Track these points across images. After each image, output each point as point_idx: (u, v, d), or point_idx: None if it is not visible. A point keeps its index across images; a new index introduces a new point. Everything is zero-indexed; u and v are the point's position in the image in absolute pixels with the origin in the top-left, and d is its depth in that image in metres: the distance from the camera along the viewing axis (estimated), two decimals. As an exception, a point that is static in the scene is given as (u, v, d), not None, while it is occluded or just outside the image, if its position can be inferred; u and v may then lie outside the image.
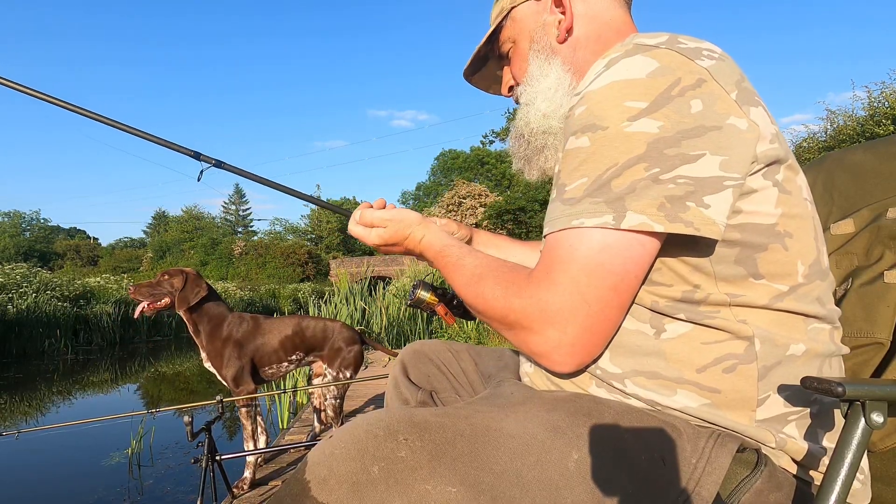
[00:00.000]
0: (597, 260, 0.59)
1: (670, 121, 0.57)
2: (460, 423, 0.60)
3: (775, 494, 0.60)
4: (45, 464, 4.07)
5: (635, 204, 0.57)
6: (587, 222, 0.59)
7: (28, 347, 10.93)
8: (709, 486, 0.57)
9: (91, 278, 16.68)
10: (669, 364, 0.63)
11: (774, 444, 0.62)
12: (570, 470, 0.57)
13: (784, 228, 0.62)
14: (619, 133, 0.58)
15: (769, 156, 0.60)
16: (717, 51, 0.63)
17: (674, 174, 0.57)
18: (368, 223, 0.92)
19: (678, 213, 0.57)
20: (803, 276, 0.63)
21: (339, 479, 0.54)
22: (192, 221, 48.79)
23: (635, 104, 0.58)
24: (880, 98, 10.33)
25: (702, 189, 0.57)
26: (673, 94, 0.58)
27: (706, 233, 0.57)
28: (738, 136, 0.58)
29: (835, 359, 0.67)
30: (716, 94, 0.58)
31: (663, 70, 0.59)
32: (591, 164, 0.60)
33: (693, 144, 0.57)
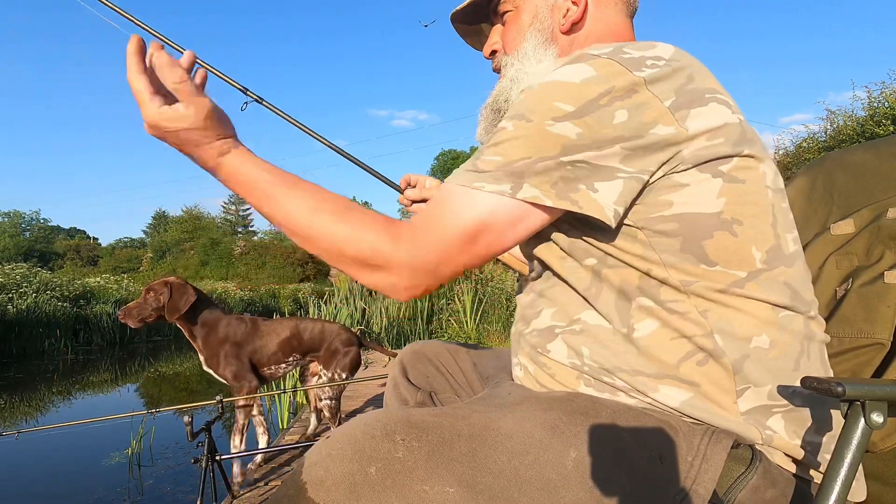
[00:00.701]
0: (476, 226, 0.63)
1: (590, 129, 0.60)
2: (458, 424, 0.60)
3: (771, 491, 0.60)
4: (45, 464, 4.07)
5: (533, 179, 0.62)
6: (487, 187, 0.63)
7: (28, 347, 10.93)
8: (706, 483, 0.57)
9: (91, 278, 16.68)
10: (648, 361, 0.65)
11: (761, 439, 0.62)
12: (567, 469, 0.57)
13: (731, 216, 0.63)
14: (541, 129, 0.62)
15: (705, 154, 0.62)
16: (665, 56, 0.64)
17: (575, 161, 0.61)
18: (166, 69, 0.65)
19: (568, 192, 0.62)
20: (762, 262, 0.64)
21: (335, 480, 0.53)
22: (192, 221, 48.77)
23: (562, 106, 0.61)
24: (880, 98, 10.33)
25: (595, 175, 0.61)
26: (601, 103, 0.61)
27: (587, 210, 0.61)
28: (655, 143, 0.61)
29: (813, 347, 0.67)
30: (646, 104, 0.60)
31: (598, 79, 0.62)
32: (509, 148, 0.63)
33: (605, 147, 0.60)
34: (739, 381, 0.63)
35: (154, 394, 7.16)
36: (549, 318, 0.74)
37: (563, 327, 0.72)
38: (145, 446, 3.99)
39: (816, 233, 0.93)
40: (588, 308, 0.70)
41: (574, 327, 0.71)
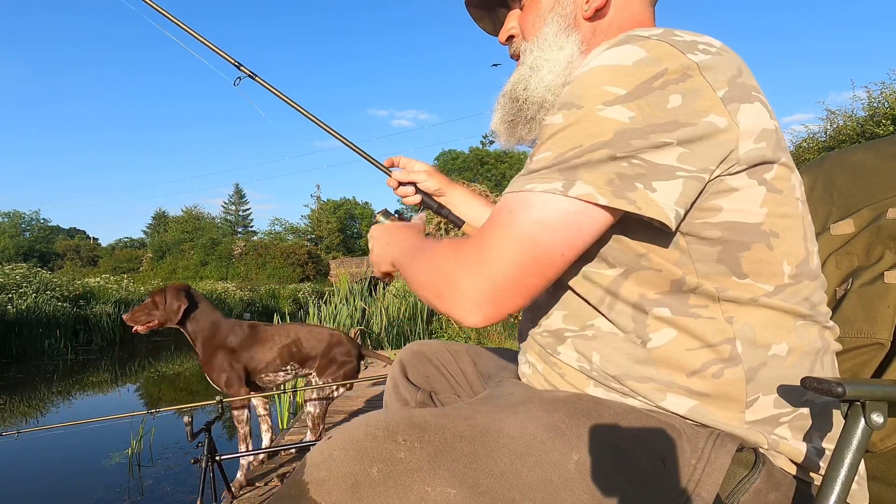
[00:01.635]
0: (529, 230, 0.60)
1: (643, 113, 0.57)
2: (460, 424, 0.60)
3: (774, 494, 0.59)
4: (45, 464, 4.07)
5: (586, 175, 0.58)
6: (538, 187, 0.60)
7: (28, 347, 10.93)
8: (708, 486, 0.57)
9: (91, 278, 16.69)
10: (659, 371, 0.64)
11: (767, 445, 0.62)
12: (569, 471, 0.57)
13: (770, 228, 0.62)
14: (591, 115, 0.59)
15: (754, 156, 0.59)
16: (716, 45, 0.62)
17: (630, 156, 0.57)
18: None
19: (625, 190, 0.58)
20: (790, 277, 0.63)
21: (337, 481, 0.53)
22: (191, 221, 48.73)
23: (614, 89, 0.58)
24: (880, 98, 10.33)
25: (653, 174, 0.58)
26: (654, 85, 0.58)
27: (646, 212, 0.57)
28: (711, 135, 0.58)
29: (826, 357, 0.67)
30: (699, 90, 0.58)
31: (650, 60, 0.59)
32: (559, 140, 0.60)
33: (660, 136, 0.57)
34: (751, 391, 0.62)
35: (154, 394, 7.16)
36: (560, 321, 0.72)
37: (575, 332, 0.70)
38: (145, 446, 4.00)
39: (816, 233, 0.93)
40: (601, 315, 0.68)
41: (586, 332, 0.69)
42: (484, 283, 0.61)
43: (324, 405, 2.77)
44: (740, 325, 0.62)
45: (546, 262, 0.60)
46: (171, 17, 1.28)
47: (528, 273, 0.60)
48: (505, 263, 0.60)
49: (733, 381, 0.61)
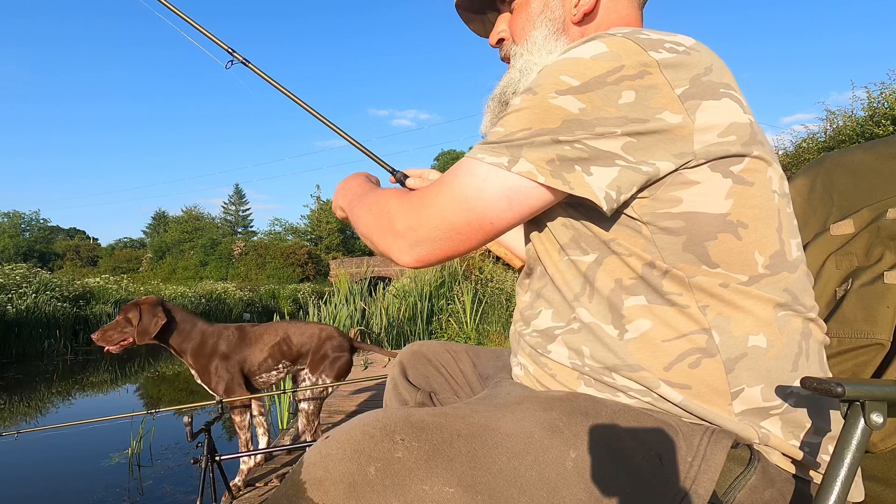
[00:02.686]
0: (466, 195, 0.64)
1: (593, 106, 0.60)
2: (457, 423, 0.60)
3: (770, 491, 0.60)
4: (45, 464, 4.07)
5: (530, 154, 0.62)
6: (486, 158, 0.64)
7: (28, 348, 10.93)
8: (705, 483, 0.57)
9: (91, 279, 16.69)
10: (640, 364, 0.65)
11: (758, 439, 0.62)
12: (567, 469, 0.57)
13: (737, 219, 0.63)
14: (543, 101, 0.62)
15: (716, 150, 0.60)
16: (686, 44, 0.63)
17: (575, 140, 0.60)
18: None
19: (563, 171, 0.61)
20: (764, 267, 0.64)
21: (335, 480, 0.53)
22: (191, 222, 48.76)
23: (568, 80, 0.61)
24: (880, 98, 10.33)
25: (593, 159, 0.60)
26: (608, 80, 0.60)
27: (580, 192, 0.61)
28: (661, 130, 0.59)
29: (812, 350, 0.67)
30: (655, 88, 0.59)
31: (609, 55, 0.61)
32: (512, 119, 0.64)
33: (606, 128, 0.60)
34: (733, 382, 0.62)
35: (154, 394, 7.16)
36: (548, 319, 0.74)
37: (563, 328, 0.71)
38: (145, 447, 3.99)
39: (816, 233, 0.93)
40: (582, 305, 0.69)
41: (572, 326, 0.70)
42: (418, 229, 0.67)
43: (318, 402, 2.75)
44: (714, 314, 0.63)
45: (476, 225, 0.65)
46: (167, 3, 1.32)
47: (457, 231, 0.66)
48: (439, 217, 0.66)
49: (712, 370, 0.62)
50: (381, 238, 0.71)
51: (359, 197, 0.81)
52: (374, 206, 0.75)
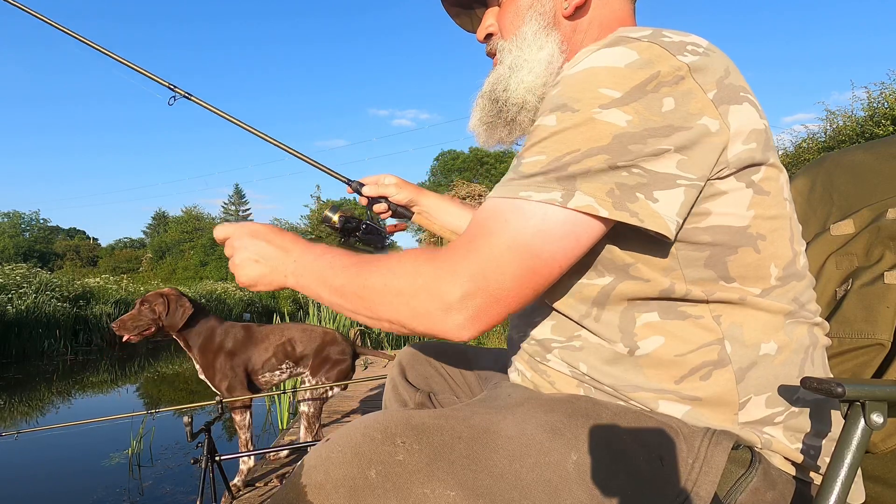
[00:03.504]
0: (527, 240, 0.57)
1: (640, 116, 0.56)
2: (458, 426, 0.59)
3: (771, 493, 0.59)
4: (45, 464, 4.07)
5: (586, 185, 0.56)
6: (535, 196, 0.57)
7: (28, 348, 10.92)
8: (706, 485, 0.57)
9: (91, 279, 16.69)
10: (648, 379, 0.63)
11: (760, 444, 0.62)
12: (568, 471, 0.57)
13: (757, 231, 0.61)
14: (588, 118, 0.57)
15: (743, 158, 0.59)
16: (703, 45, 0.61)
17: (631, 164, 0.56)
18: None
19: (626, 201, 0.56)
20: (777, 279, 0.63)
21: (335, 484, 0.53)
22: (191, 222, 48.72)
23: (609, 92, 0.57)
24: (879, 98, 10.33)
25: (654, 183, 0.56)
26: (648, 88, 0.57)
27: (649, 225, 0.56)
28: (705, 139, 0.57)
29: (816, 354, 0.67)
30: (691, 93, 0.57)
31: (642, 63, 0.58)
32: (553, 143, 0.58)
33: (658, 142, 0.56)
34: (742, 392, 0.62)
35: (154, 394, 7.16)
36: (548, 331, 0.72)
37: (562, 342, 0.70)
38: (145, 447, 4.00)
39: (816, 233, 0.93)
40: (587, 327, 0.67)
41: (573, 343, 0.69)
42: (477, 295, 0.57)
43: (318, 404, 2.77)
44: (728, 324, 0.62)
45: (544, 273, 0.58)
46: (98, 46, 1.32)
47: (523, 284, 0.58)
48: (500, 274, 0.57)
49: (723, 382, 0.62)
50: (422, 319, 0.60)
51: (344, 265, 0.67)
52: (387, 284, 0.62)
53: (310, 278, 0.70)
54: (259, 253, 0.75)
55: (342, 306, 0.66)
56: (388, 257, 0.64)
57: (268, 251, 0.74)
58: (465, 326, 0.59)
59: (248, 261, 0.75)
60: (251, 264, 0.75)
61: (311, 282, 0.69)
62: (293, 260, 0.72)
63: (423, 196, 1.18)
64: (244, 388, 2.62)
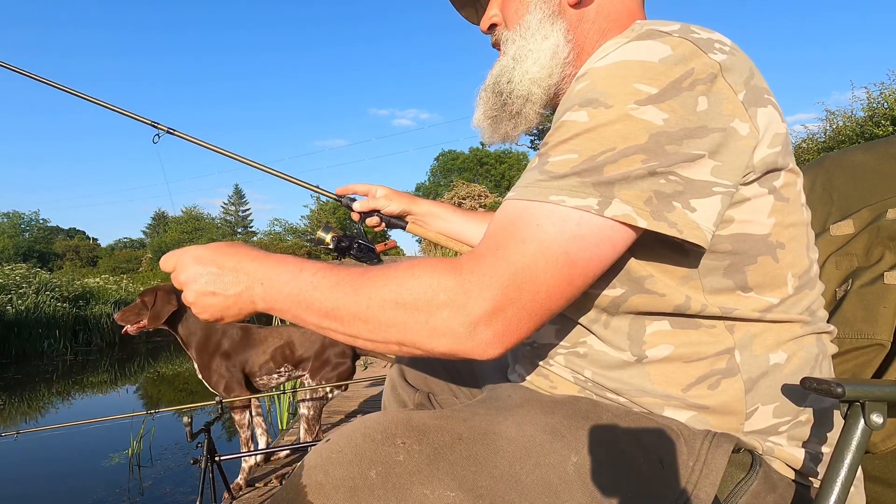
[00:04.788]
0: (563, 247, 0.53)
1: (676, 115, 0.53)
2: (459, 427, 0.59)
3: (771, 496, 0.59)
4: (44, 464, 4.07)
5: (623, 192, 0.53)
6: (568, 201, 0.53)
7: (27, 348, 10.92)
8: (706, 488, 0.56)
9: (90, 279, 16.69)
10: (655, 385, 0.63)
11: (762, 451, 0.62)
12: (568, 473, 0.56)
13: (777, 239, 0.60)
14: (623, 115, 0.54)
15: (768, 162, 0.57)
16: (728, 44, 0.59)
17: (667, 171, 0.53)
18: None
19: (664, 211, 0.53)
20: (793, 288, 0.62)
21: (335, 484, 0.53)
22: (191, 222, 48.70)
23: (644, 88, 0.54)
24: (879, 99, 10.34)
25: (691, 191, 0.54)
26: (683, 86, 0.54)
27: (688, 236, 0.53)
28: (737, 142, 0.55)
29: (825, 363, 0.66)
30: (724, 94, 0.55)
31: (677, 59, 0.55)
32: (586, 141, 0.54)
33: (694, 144, 0.54)
34: (750, 402, 0.61)
35: (153, 394, 7.16)
36: (552, 336, 0.71)
37: (567, 348, 0.69)
38: (145, 447, 4.00)
39: (816, 233, 0.93)
40: (595, 333, 0.66)
41: (578, 350, 0.68)
42: (508, 308, 0.52)
43: (318, 406, 2.76)
44: (741, 334, 0.61)
45: (579, 282, 0.54)
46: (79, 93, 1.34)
47: (558, 295, 0.54)
48: (535, 284, 0.52)
49: (732, 392, 0.61)
50: (444, 339, 0.54)
51: (314, 289, 0.58)
52: (398, 301, 0.55)
53: (287, 302, 0.60)
54: (212, 283, 0.64)
55: (335, 331, 0.58)
56: (392, 269, 0.57)
57: (223, 279, 0.64)
58: (493, 343, 0.53)
59: (202, 295, 0.64)
60: (207, 298, 0.65)
61: (289, 306, 0.60)
62: (259, 282, 0.62)
63: (415, 205, 1.17)
64: (241, 388, 2.62)
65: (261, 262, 0.63)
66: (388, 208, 1.16)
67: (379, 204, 1.16)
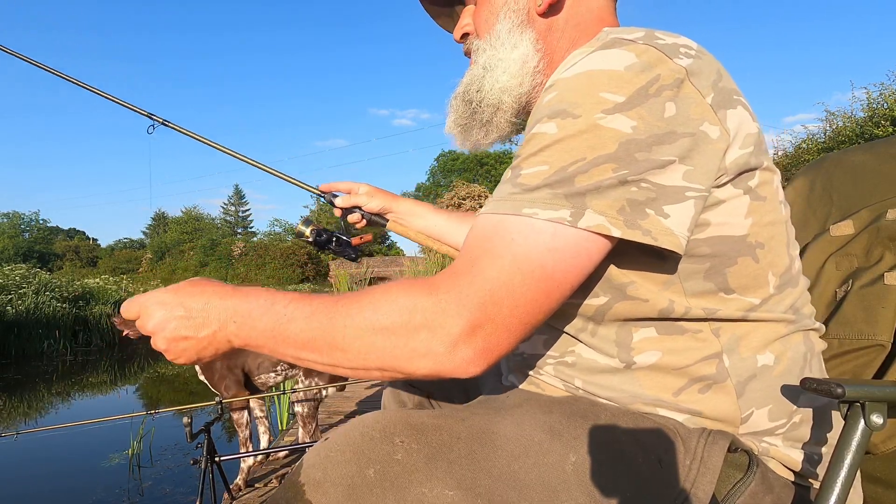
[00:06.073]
0: (539, 260, 0.53)
1: (644, 122, 0.54)
2: (457, 426, 0.59)
3: (770, 497, 0.59)
4: (44, 465, 4.08)
5: (595, 202, 0.53)
6: (541, 214, 0.53)
7: (27, 348, 10.92)
8: (704, 486, 0.56)
9: (90, 279, 16.69)
10: (646, 391, 0.63)
11: (758, 452, 0.62)
12: (567, 472, 0.56)
13: (755, 239, 0.60)
14: (592, 125, 0.54)
15: (740, 164, 0.57)
16: (694, 47, 0.59)
17: (639, 179, 0.54)
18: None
19: (637, 219, 0.53)
20: (774, 288, 0.62)
21: (334, 483, 0.53)
22: (191, 222, 48.76)
23: (611, 96, 0.54)
24: (879, 99, 10.35)
25: (664, 197, 0.54)
26: (650, 92, 0.54)
27: (663, 243, 0.54)
28: (707, 146, 0.55)
29: (814, 361, 0.66)
30: (691, 98, 0.55)
31: (642, 66, 0.55)
32: (556, 152, 0.54)
33: (663, 150, 0.54)
34: (744, 407, 0.61)
35: (153, 395, 7.17)
36: (540, 346, 0.70)
37: (555, 357, 0.69)
38: (145, 447, 4.00)
39: (816, 234, 0.93)
40: (583, 341, 0.66)
41: (566, 359, 0.68)
42: (486, 324, 0.52)
43: (312, 405, 2.76)
44: (727, 337, 0.61)
45: (557, 295, 0.54)
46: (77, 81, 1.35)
47: (537, 309, 0.54)
48: (513, 299, 0.52)
49: (723, 396, 0.61)
50: (424, 361, 0.53)
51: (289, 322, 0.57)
52: (374, 326, 0.54)
53: (262, 338, 0.59)
54: (182, 327, 0.61)
55: (315, 362, 0.57)
56: (367, 294, 0.56)
57: (193, 322, 0.60)
58: (475, 361, 0.53)
59: (174, 341, 0.61)
60: (179, 344, 0.61)
61: (265, 341, 0.59)
62: (232, 320, 0.59)
63: (396, 203, 1.18)
64: (241, 388, 2.63)
65: (230, 298, 0.61)
66: (370, 205, 1.17)
67: (360, 200, 1.17)
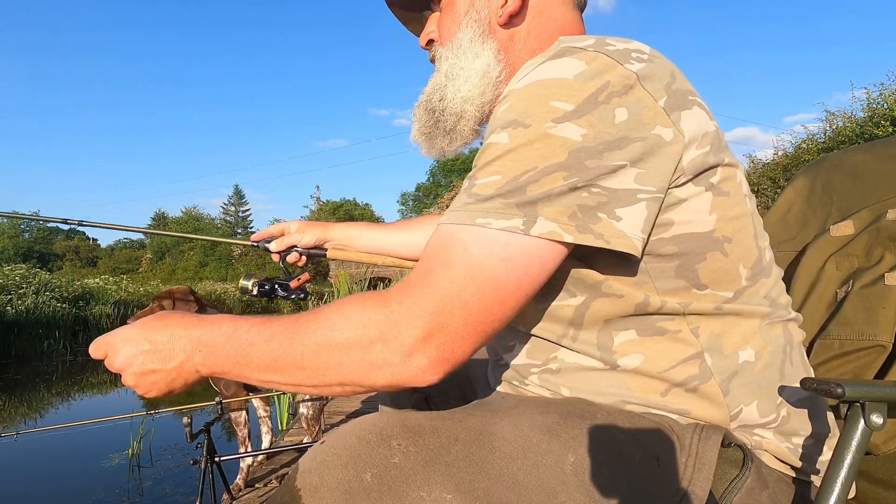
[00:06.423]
0: (492, 270, 0.54)
1: (594, 129, 0.54)
2: (454, 427, 0.59)
3: (766, 492, 0.60)
4: (44, 465, 4.08)
5: (547, 210, 0.54)
6: (494, 223, 0.54)
7: (27, 348, 10.93)
8: (701, 482, 0.56)
9: (90, 279, 16.71)
10: (633, 393, 0.63)
11: (751, 445, 0.62)
12: (566, 473, 0.56)
13: (722, 234, 0.60)
14: (542, 134, 0.55)
15: (697, 164, 0.58)
16: (646, 51, 0.60)
17: (590, 184, 0.54)
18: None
19: (589, 223, 0.54)
20: (746, 279, 0.63)
21: (330, 487, 0.52)
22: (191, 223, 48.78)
23: (561, 105, 0.55)
24: (879, 99, 10.36)
25: (615, 201, 0.55)
26: (599, 99, 0.55)
27: (616, 245, 0.54)
28: (660, 148, 0.55)
29: (794, 353, 0.67)
30: (643, 103, 0.56)
31: (591, 73, 0.56)
32: (508, 162, 0.55)
33: (614, 156, 0.54)
34: (732, 405, 0.62)
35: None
36: (524, 356, 0.71)
37: (540, 367, 0.69)
38: (145, 447, 4.00)
39: (816, 234, 0.93)
40: (565, 346, 0.66)
41: (550, 366, 0.68)
42: (439, 333, 0.53)
43: (317, 406, 2.75)
44: (706, 336, 0.62)
45: (511, 302, 0.55)
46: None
47: (490, 317, 0.55)
48: (465, 308, 0.53)
49: (710, 396, 0.61)
50: (381, 373, 0.54)
51: (251, 346, 0.58)
52: (331, 343, 0.55)
53: (227, 364, 0.60)
54: (149, 361, 0.62)
55: (280, 383, 0.59)
56: (323, 311, 0.57)
57: (160, 355, 0.62)
58: (430, 369, 0.54)
59: (142, 375, 0.63)
60: (148, 377, 0.63)
61: (230, 367, 0.60)
62: (197, 350, 0.61)
63: (330, 230, 1.18)
64: (240, 387, 2.63)
65: (194, 328, 0.62)
66: (304, 241, 1.17)
67: (293, 239, 1.17)
